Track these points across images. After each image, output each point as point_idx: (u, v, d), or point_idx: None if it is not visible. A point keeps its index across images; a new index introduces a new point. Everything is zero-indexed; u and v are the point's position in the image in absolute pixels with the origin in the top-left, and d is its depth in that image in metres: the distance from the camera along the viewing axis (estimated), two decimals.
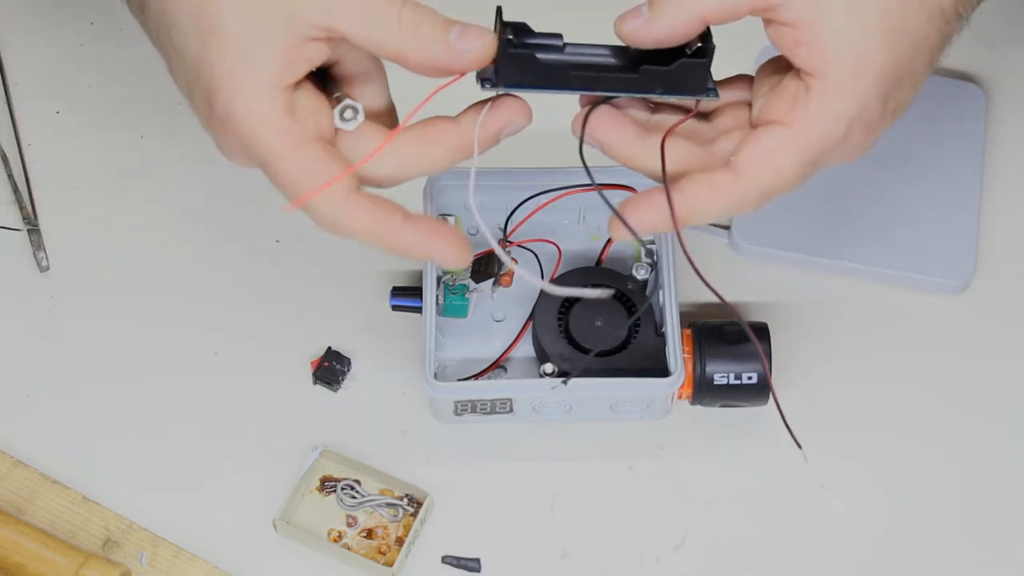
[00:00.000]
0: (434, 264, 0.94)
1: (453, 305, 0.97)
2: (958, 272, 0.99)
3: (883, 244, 0.99)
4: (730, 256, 1.01)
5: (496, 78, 0.82)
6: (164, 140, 1.04)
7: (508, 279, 0.97)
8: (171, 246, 1.01)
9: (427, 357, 0.92)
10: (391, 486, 0.94)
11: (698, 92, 0.83)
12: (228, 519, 0.93)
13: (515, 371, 0.96)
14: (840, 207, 1.00)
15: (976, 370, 0.98)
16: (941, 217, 1.00)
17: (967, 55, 1.06)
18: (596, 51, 0.83)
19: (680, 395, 0.94)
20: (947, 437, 0.96)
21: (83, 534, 0.93)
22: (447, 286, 0.97)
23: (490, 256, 0.96)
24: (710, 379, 0.93)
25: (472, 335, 0.96)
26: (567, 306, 0.94)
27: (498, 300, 0.97)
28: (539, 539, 0.93)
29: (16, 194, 1.02)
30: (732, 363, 0.93)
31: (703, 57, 0.82)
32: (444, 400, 0.93)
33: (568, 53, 0.82)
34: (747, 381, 0.93)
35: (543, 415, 0.94)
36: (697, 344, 0.93)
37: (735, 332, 0.93)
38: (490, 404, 0.93)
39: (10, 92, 1.05)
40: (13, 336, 0.99)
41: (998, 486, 0.95)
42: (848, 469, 0.95)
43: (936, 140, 1.02)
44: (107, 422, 0.96)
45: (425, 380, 0.92)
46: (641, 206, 0.81)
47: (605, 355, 0.93)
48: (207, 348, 0.98)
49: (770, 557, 0.93)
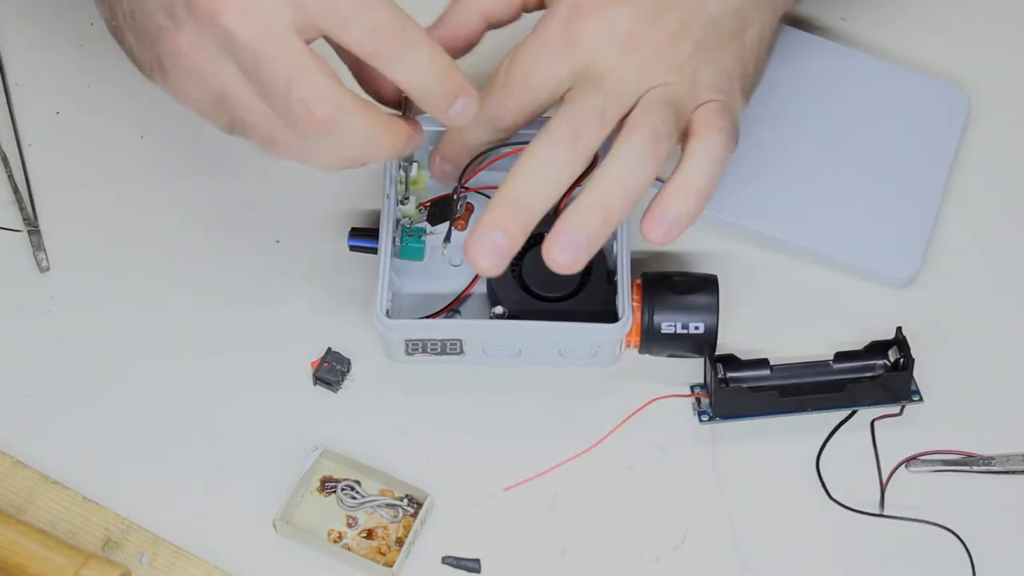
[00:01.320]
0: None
1: (409, 248, 0.97)
2: (903, 266, 0.99)
3: (834, 228, 1.00)
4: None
5: (712, 411, 0.94)
6: (164, 140, 1.04)
7: (463, 223, 0.98)
8: (171, 246, 1.01)
9: (379, 295, 0.93)
10: (391, 486, 0.94)
11: (902, 398, 0.94)
12: (228, 519, 0.93)
13: (470, 315, 0.97)
14: (800, 187, 1.01)
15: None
16: (898, 210, 1.00)
17: (951, 57, 1.06)
18: (801, 371, 0.94)
19: (628, 343, 0.95)
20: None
21: (83, 534, 0.93)
22: (404, 228, 0.97)
23: (446, 200, 0.96)
24: (657, 327, 0.94)
25: (428, 277, 0.98)
26: (521, 251, 0.95)
27: (454, 244, 0.97)
28: (539, 539, 0.93)
29: (16, 194, 1.02)
30: (680, 313, 0.94)
31: (905, 370, 0.93)
32: (395, 339, 0.94)
33: (775, 377, 0.94)
34: (694, 331, 0.94)
35: (493, 358, 0.95)
36: (647, 293, 0.94)
37: (684, 282, 0.95)
38: (440, 344, 0.94)
39: (10, 92, 1.05)
40: (13, 336, 0.99)
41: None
42: (849, 468, 0.95)
43: (910, 136, 1.02)
44: (107, 422, 0.96)
45: (376, 317, 0.93)
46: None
47: (557, 300, 0.95)
48: (207, 348, 0.98)
49: (770, 557, 0.93)
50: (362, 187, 1.01)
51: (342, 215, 1.01)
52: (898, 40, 1.07)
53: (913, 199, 1.01)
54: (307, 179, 1.02)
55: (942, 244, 1.01)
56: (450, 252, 0.98)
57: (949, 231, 1.01)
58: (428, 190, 0.99)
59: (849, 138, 1.02)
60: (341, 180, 1.02)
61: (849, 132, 1.02)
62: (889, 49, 1.06)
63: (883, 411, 0.94)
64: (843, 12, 1.08)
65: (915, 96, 1.04)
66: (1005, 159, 1.04)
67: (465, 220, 0.98)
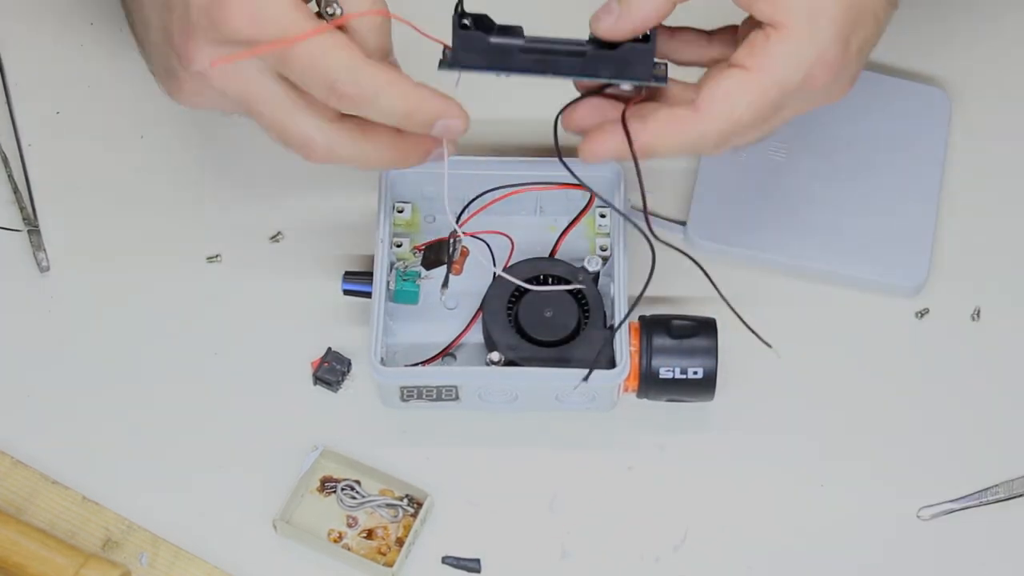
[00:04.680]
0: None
1: (404, 291, 0.97)
2: (911, 275, 0.99)
3: (838, 244, 0.99)
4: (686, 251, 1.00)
5: (451, 58, 0.87)
6: (164, 140, 1.04)
7: (459, 267, 0.97)
8: (171, 246, 1.01)
9: (374, 342, 0.92)
10: (391, 486, 0.94)
11: (644, 77, 0.88)
12: (228, 519, 0.93)
13: (466, 360, 0.96)
14: (796, 206, 1.01)
15: (925, 372, 0.98)
16: (897, 220, 1.00)
17: (932, 59, 1.06)
18: (551, 40, 0.87)
19: (626, 388, 0.94)
20: (902, 439, 0.96)
21: (83, 534, 0.93)
22: (399, 272, 0.97)
23: (441, 243, 0.96)
24: (656, 373, 0.93)
25: (423, 322, 0.97)
26: (517, 296, 0.94)
27: (450, 289, 0.97)
28: (539, 539, 0.93)
29: (16, 194, 1.02)
30: (678, 358, 0.93)
31: (647, 42, 0.87)
32: (390, 385, 0.93)
33: (522, 39, 0.87)
34: (692, 376, 0.93)
35: (489, 403, 0.95)
36: (645, 337, 0.94)
37: (682, 327, 0.94)
38: (436, 391, 0.93)
39: (10, 92, 1.05)
40: (13, 336, 0.98)
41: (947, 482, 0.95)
42: (848, 469, 0.95)
43: (897, 143, 1.02)
44: (107, 422, 0.96)
45: (371, 365, 0.92)
46: (607, 131, 0.87)
47: (553, 345, 0.94)
48: (207, 348, 0.98)
49: (770, 557, 0.93)
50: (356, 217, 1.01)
51: (342, 216, 1.01)
52: (876, 48, 1.06)
53: (910, 207, 1.00)
54: (308, 179, 1.02)
55: (945, 248, 1.01)
56: (446, 296, 0.97)
57: (950, 235, 1.01)
58: (423, 232, 0.99)
59: (839, 152, 1.02)
60: (342, 179, 1.02)
61: (838, 146, 1.02)
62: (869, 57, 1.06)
63: (627, 86, 0.89)
64: None
65: (898, 102, 1.03)
66: (990, 157, 1.04)
67: (460, 264, 0.97)
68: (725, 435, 0.96)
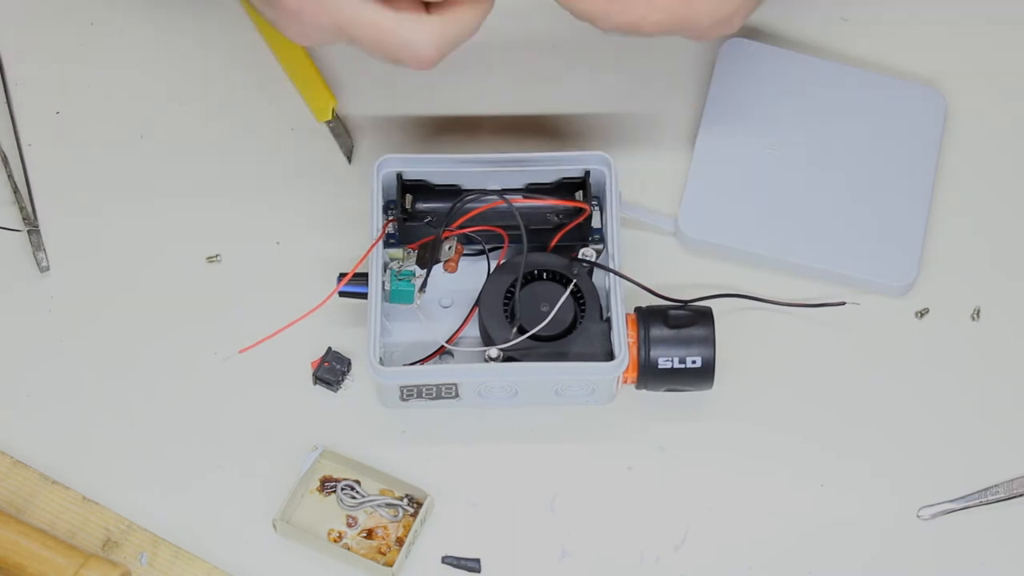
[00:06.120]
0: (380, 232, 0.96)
1: (399, 291, 0.97)
2: (901, 274, 0.99)
3: (827, 241, 0.99)
4: (675, 247, 1.00)
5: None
6: (164, 140, 1.04)
7: (453, 265, 0.97)
8: (171, 246, 1.01)
9: (372, 342, 0.92)
10: (391, 486, 0.94)
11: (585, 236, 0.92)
12: (228, 519, 0.93)
13: (462, 357, 0.96)
14: (788, 203, 1.00)
15: (925, 371, 0.98)
16: (889, 218, 1.00)
17: (928, 59, 1.06)
18: None
19: (625, 379, 0.94)
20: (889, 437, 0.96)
21: (83, 534, 0.93)
22: (393, 272, 0.97)
23: (435, 241, 0.96)
24: (654, 363, 0.93)
25: (419, 321, 0.97)
26: (513, 291, 0.94)
27: (445, 286, 0.97)
28: (539, 539, 0.93)
29: (16, 194, 1.02)
30: (676, 347, 0.93)
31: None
32: (390, 385, 0.93)
33: None
34: (691, 365, 0.93)
35: (488, 400, 0.95)
36: (642, 328, 0.94)
37: (679, 316, 0.94)
38: (435, 389, 0.93)
39: (10, 92, 1.05)
40: (13, 336, 0.99)
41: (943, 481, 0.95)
42: (848, 468, 0.95)
43: (892, 142, 1.02)
44: (107, 422, 0.96)
45: (370, 365, 0.92)
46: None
47: (551, 339, 0.94)
48: (207, 348, 0.98)
49: (770, 557, 0.93)
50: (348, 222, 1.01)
51: (342, 215, 1.01)
52: (870, 47, 1.06)
53: (902, 205, 1.00)
54: (308, 179, 1.02)
55: (936, 248, 1.01)
56: (439, 294, 0.97)
57: (941, 234, 1.01)
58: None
59: (832, 150, 1.02)
60: (341, 179, 1.02)
61: (831, 144, 1.02)
62: (861, 56, 1.06)
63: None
64: (826, 17, 1.08)
65: (893, 102, 1.03)
66: (985, 157, 1.04)
67: (455, 262, 0.97)
68: (725, 434, 0.96)
